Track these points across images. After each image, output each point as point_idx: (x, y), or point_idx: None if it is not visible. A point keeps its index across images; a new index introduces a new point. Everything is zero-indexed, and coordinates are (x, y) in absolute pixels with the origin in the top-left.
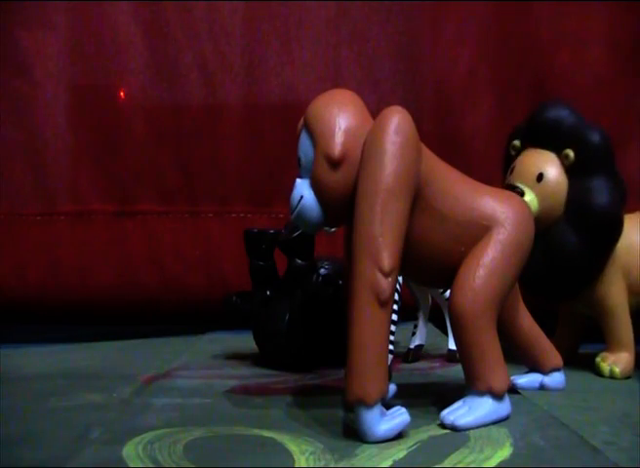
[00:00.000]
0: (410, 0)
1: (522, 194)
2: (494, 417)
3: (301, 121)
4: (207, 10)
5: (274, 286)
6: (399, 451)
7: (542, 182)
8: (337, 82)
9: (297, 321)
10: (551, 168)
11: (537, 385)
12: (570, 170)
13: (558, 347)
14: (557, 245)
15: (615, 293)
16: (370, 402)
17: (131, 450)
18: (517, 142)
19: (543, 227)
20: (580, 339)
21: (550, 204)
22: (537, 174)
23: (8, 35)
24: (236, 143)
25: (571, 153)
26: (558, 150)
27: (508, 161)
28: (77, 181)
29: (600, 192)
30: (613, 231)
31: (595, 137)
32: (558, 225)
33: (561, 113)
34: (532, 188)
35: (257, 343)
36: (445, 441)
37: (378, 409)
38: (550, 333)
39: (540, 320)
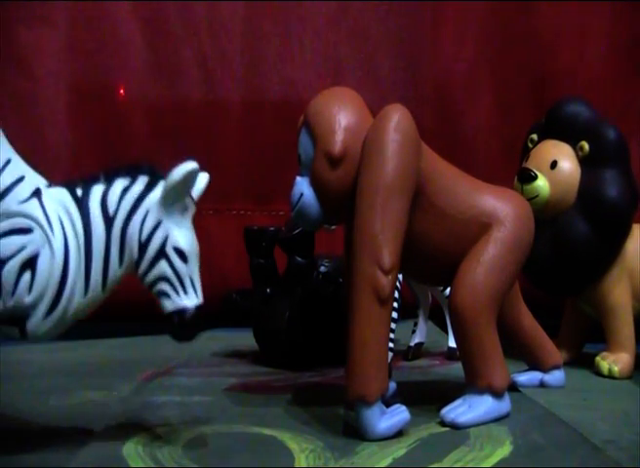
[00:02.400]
0: None
1: (535, 178)
2: (494, 415)
3: (302, 118)
4: (207, 7)
5: (274, 283)
6: (399, 449)
7: (556, 169)
8: (337, 79)
9: (297, 319)
10: (566, 157)
11: (537, 383)
12: (584, 161)
13: (562, 346)
14: (565, 231)
15: (618, 294)
16: (370, 400)
17: (131, 449)
18: (535, 136)
19: (554, 214)
20: (584, 339)
21: (562, 191)
22: (551, 161)
23: (8, 32)
24: (236, 141)
25: (586, 145)
26: (574, 142)
27: (525, 153)
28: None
29: (611, 184)
30: (621, 223)
31: (610, 132)
32: (568, 213)
33: (579, 108)
34: (545, 174)
35: (257, 341)
36: (445, 439)
37: (378, 407)
38: (553, 333)
39: (543, 319)
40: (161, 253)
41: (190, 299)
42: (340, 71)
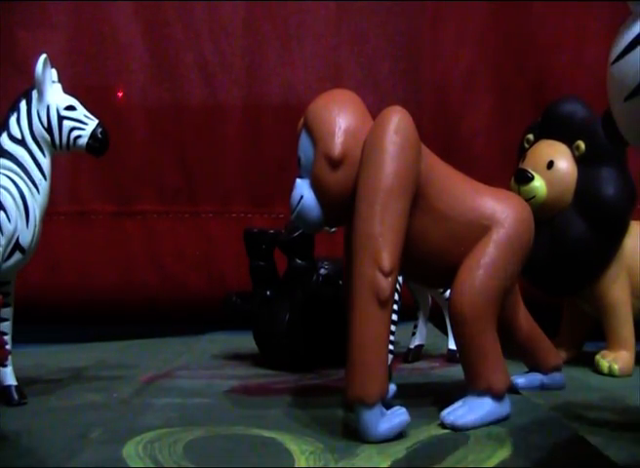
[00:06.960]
0: (410, 0)
1: (531, 179)
2: (494, 417)
3: (301, 121)
4: (207, 10)
5: (274, 286)
6: (399, 451)
7: (552, 170)
8: (337, 82)
9: (297, 321)
10: (562, 157)
11: (537, 385)
12: (580, 160)
13: (562, 345)
14: (563, 231)
15: (617, 291)
16: (370, 402)
17: (131, 450)
18: (531, 136)
19: (552, 214)
20: (584, 338)
21: (559, 191)
22: (547, 161)
23: (8, 34)
24: (236, 143)
25: (582, 144)
26: (570, 142)
27: (522, 154)
28: (77, 181)
29: (608, 183)
30: (619, 221)
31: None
32: (565, 212)
33: (574, 107)
34: (541, 174)
35: (257, 343)
36: (445, 441)
37: (378, 409)
38: (552, 334)
39: (543, 320)
40: (60, 119)
41: (93, 121)
42: (340, 74)
